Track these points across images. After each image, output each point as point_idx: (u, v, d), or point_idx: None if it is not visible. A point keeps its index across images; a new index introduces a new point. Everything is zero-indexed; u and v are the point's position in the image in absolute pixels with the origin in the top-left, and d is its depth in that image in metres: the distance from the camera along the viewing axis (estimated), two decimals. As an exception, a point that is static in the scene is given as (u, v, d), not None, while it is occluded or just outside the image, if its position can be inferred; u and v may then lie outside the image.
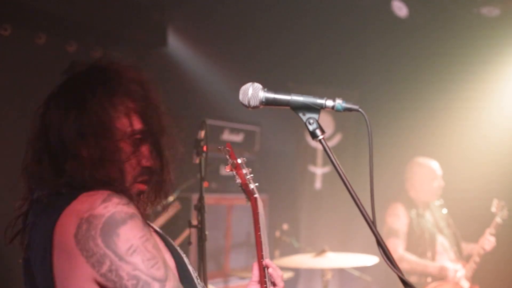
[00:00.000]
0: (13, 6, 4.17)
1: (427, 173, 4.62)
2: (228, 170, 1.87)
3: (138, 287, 1.28)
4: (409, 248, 4.47)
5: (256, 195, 1.86)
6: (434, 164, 4.67)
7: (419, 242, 4.47)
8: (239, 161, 1.88)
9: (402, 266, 4.33)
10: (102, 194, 1.35)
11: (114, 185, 1.40)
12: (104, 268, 1.28)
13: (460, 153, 5.23)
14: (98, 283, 1.30)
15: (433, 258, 4.47)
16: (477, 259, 4.44)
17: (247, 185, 1.86)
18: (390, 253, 1.43)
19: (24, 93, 4.38)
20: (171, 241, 1.58)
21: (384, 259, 1.43)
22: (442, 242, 4.54)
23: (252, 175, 1.89)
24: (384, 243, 1.42)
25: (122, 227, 1.30)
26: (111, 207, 1.32)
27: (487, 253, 4.45)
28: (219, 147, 1.89)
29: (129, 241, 1.30)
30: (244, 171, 1.88)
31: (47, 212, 1.38)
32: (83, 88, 1.47)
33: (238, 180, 1.86)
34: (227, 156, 1.88)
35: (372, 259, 3.98)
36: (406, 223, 4.50)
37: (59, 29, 4.61)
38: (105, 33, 4.84)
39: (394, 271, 1.42)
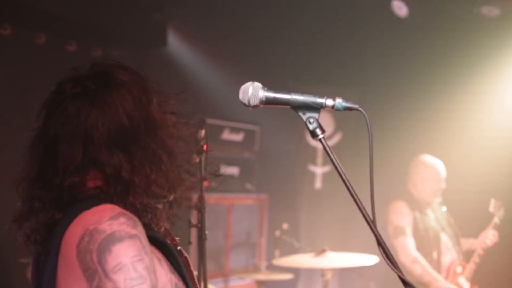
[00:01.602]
0: (13, 6, 4.17)
1: (431, 173, 4.56)
2: None
3: None
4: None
5: (186, 255, 1.90)
6: (439, 165, 4.60)
7: (424, 241, 4.41)
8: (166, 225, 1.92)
9: (414, 268, 4.27)
10: (113, 211, 1.36)
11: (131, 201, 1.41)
12: (94, 284, 1.29)
13: (460, 152, 5.23)
14: None
15: (438, 258, 4.42)
16: (477, 259, 4.42)
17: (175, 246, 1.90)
18: (390, 253, 1.43)
19: (24, 93, 4.38)
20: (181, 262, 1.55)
21: (384, 259, 1.43)
22: (445, 241, 4.51)
23: (178, 238, 1.94)
24: (384, 243, 1.42)
25: (117, 244, 1.31)
26: (115, 225, 1.32)
27: (486, 253, 4.43)
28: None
29: (119, 258, 1.30)
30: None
31: (65, 216, 1.39)
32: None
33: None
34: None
35: (372, 259, 3.98)
36: (411, 221, 4.44)
37: (59, 29, 4.61)
38: (105, 33, 4.84)
39: (394, 271, 1.42)
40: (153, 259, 1.38)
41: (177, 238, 1.87)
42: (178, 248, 1.84)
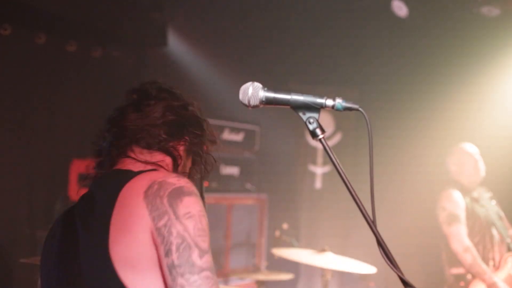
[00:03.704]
0: (13, 6, 4.17)
1: (469, 162, 4.46)
2: None
3: (181, 247, 1.39)
4: None
5: None
6: (476, 153, 4.51)
7: (473, 231, 4.28)
8: None
9: (465, 257, 4.13)
10: (177, 174, 1.56)
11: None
12: (161, 223, 1.41)
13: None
14: (152, 236, 1.42)
15: (488, 250, 4.27)
16: None
17: None
18: (390, 253, 1.42)
19: (24, 93, 4.38)
20: None
21: (384, 259, 1.43)
22: (495, 234, 4.35)
23: None
24: (384, 243, 1.42)
25: (187, 197, 1.45)
26: (182, 181, 1.49)
27: None
28: None
29: (189, 208, 1.44)
30: None
31: (115, 180, 1.52)
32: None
33: None
34: None
35: (371, 260, 3.96)
36: (464, 209, 4.30)
37: (59, 29, 4.61)
38: (105, 33, 4.84)
39: (394, 271, 1.42)
40: None
41: None
42: None
